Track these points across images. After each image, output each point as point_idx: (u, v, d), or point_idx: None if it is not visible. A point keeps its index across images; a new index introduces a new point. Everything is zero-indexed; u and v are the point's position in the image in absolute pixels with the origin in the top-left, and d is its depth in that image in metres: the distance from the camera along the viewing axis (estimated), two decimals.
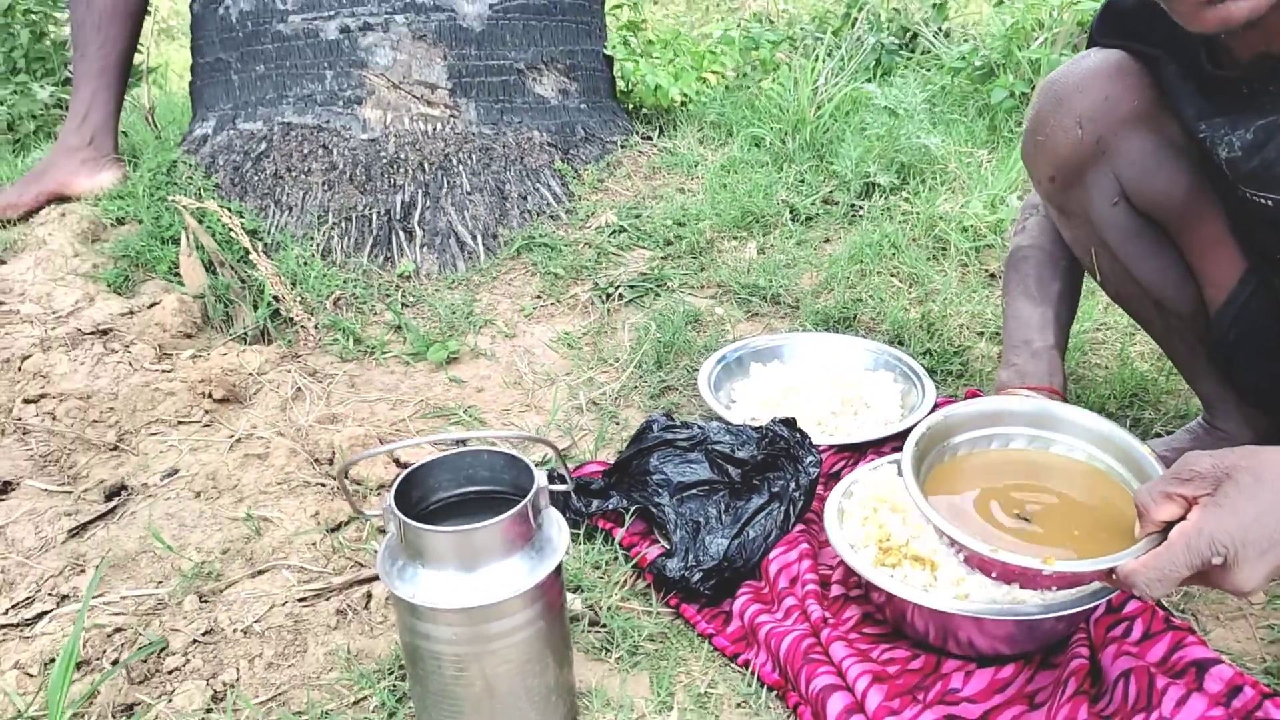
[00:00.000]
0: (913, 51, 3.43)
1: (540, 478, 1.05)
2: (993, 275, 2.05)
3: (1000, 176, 2.28)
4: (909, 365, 1.68)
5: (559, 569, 1.06)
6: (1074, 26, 2.86)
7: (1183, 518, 0.92)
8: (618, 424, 1.68)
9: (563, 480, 1.06)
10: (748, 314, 1.99)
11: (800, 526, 1.34)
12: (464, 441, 1.59)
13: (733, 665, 1.21)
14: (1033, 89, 2.67)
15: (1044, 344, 1.32)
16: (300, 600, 1.31)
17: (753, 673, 1.18)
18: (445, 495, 1.11)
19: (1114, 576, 0.95)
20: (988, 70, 2.92)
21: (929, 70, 3.19)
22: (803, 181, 2.40)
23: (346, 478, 1.55)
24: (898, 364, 1.70)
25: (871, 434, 1.53)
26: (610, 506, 1.41)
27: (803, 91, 2.64)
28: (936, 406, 1.58)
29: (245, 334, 1.98)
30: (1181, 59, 1.11)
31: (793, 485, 1.34)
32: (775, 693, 1.16)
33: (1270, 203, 1.07)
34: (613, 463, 1.49)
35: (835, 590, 1.27)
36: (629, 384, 1.79)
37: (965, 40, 3.30)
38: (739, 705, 1.16)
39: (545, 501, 1.06)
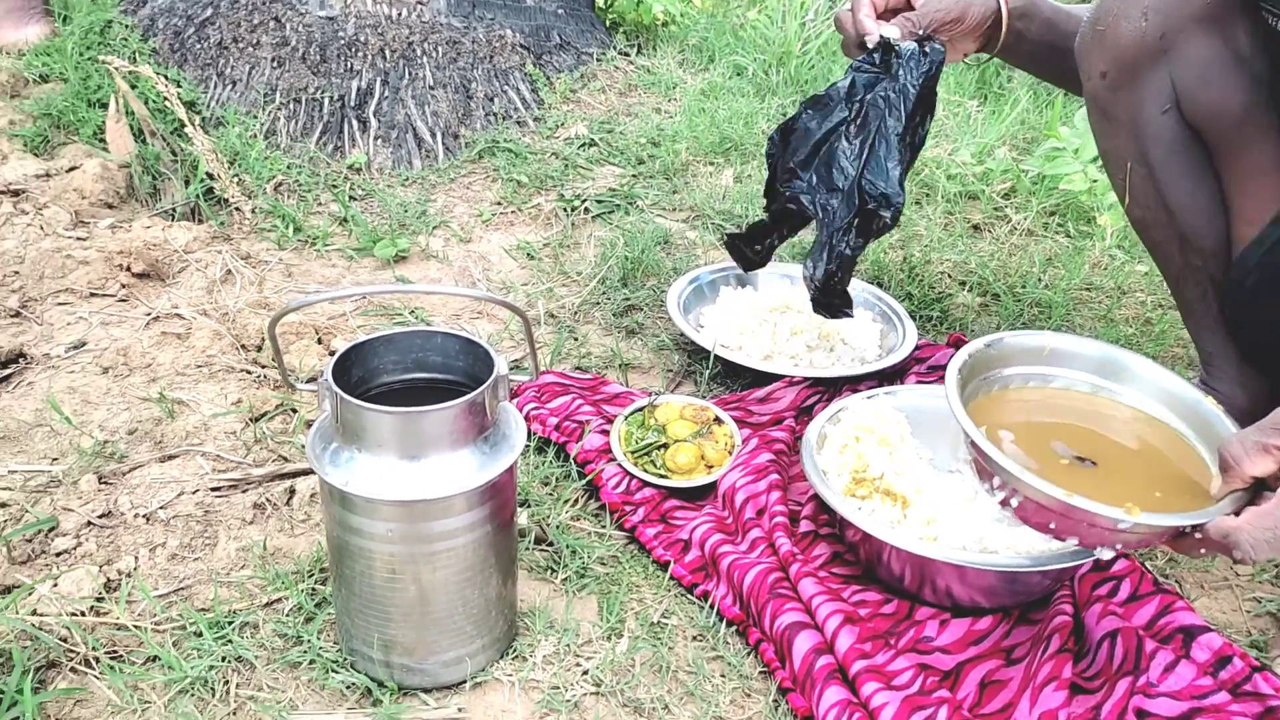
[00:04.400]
0: None
1: (500, 365, 0.92)
2: (976, 227, 1.96)
3: (990, 128, 2.19)
4: (889, 305, 1.59)
5: (513, 470, 0.95)
6: None
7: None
8: (575, 339, 1.56)
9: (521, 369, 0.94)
10: (721, 240, 1.88)
11: (769, 456, 1.24)
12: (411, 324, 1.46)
13: (689, 596, 1.11)
14: None
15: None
16: (214, 490, 1.17)
17: (712, 605, 1.08)
18: (390, 380, 0.98)
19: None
20: None
21: None
22: (784, 115, 2.28)
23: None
24: (877, 303, 1.60)
25: (847, 370, 1.44)
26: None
27: (790, 25, 2.52)
28: (917, 349, 1.49)
29: (174, 210, 1.81)
30: None
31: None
32: (735, 628, 1.07)
33: None
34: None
35: (805, 526, 1.18)
36: (590, 299, 1.66)
37: None
38: (695, 638, 1.06)
39: (505, 392, 0.93)
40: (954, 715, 0.95)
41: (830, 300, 1.31)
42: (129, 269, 1.59)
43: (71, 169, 1.85)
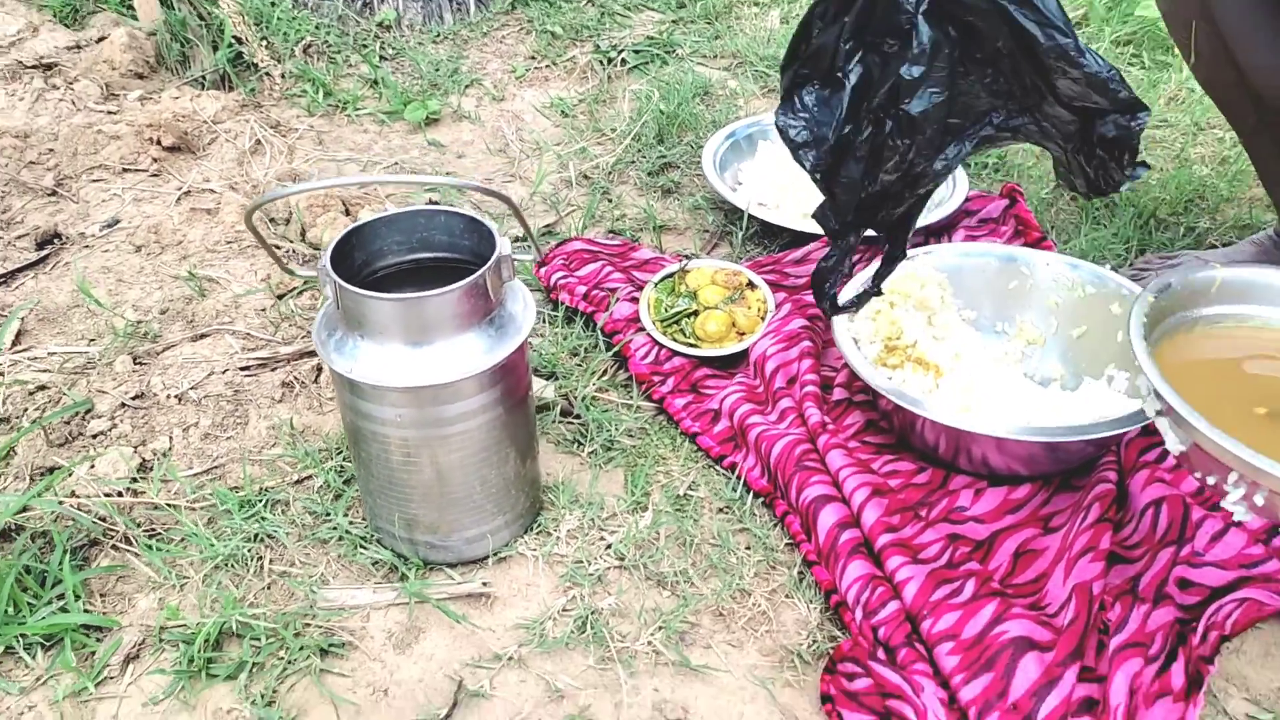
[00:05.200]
0: None
1: (504, 244, 0.89)
2: None
3: None
4: None
5: (522, 350, 0.92)
6: None
7: None
8: (610, 200, 1.51)
9: (527, 246, 0.90)
10: (764, 89, 1.78)
11: (802, 322, 1.19)
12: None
13: (717, 468, 1.09)
14: None
15: None
16: (243, 369, 1.18)
17: (738, 477, 1.07)
18: (395, 261, 0.95)
19: None
20: None
21: None
22: None
23: (255, 219, 1.39)
24: None
25: None
26: None
27: None
28: (968, 200, 1.41)
29: (203, 78, 1.78)
30: None
31: None
32: (762, 499, 1.05)
33: None
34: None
35: (838, 394, 1.14)
36: (625, 158, 1.60)
37: None
38: (720, 510, 1.05)
39: (509, 272, 0.90)
40: (982, 587, 0.93)
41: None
42: (159, 142, 1.57)
43: (100, 39, 1.81)
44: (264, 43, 1.79)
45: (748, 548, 1.01)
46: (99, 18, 1.90)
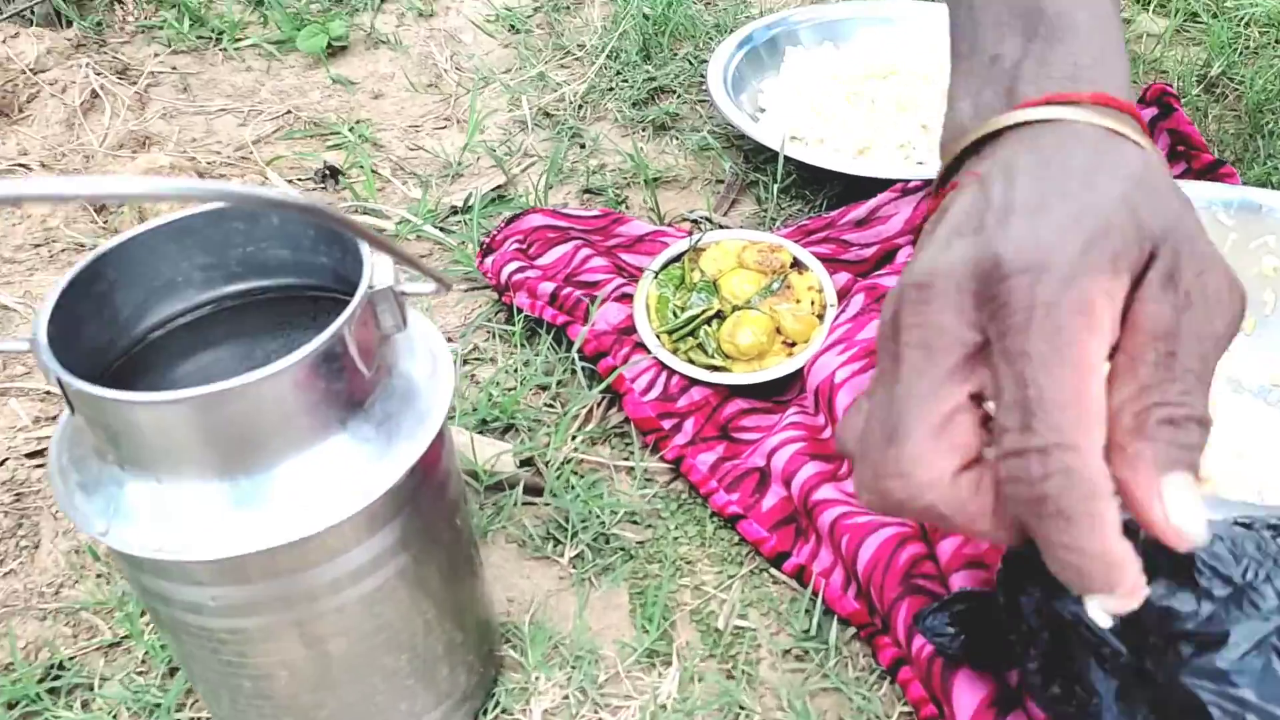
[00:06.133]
0: None
1: (382, 269, 0.48)
2: None
3: None
4: None
5: (440, 443, 0.52)
6: None
7: None
8: (582, 146, 1.09)
9: (429, 275, 0.48)
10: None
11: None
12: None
13: (774, 572, 0.70)
14: None
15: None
16: (31, 456, 0.77)
17: (813, 591, 0.67)
18: (198, 301, 0.54)
19: None
20: None
21: None
22: None
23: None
24: None
25: None
26: None
27: None
28: None
29: (30, 12, 1.33)
30: None
31: None
32: (854, 630, 0.66)
33: None
34: None
35: None
36: (600, 84, 1.17)
37: None
38: (789, 654, 0.65)
39: (397, 317, 0.49)
40: None
41: None
42: None
43: None
44: None
45: None
46: None
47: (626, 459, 0.78)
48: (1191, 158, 0.93)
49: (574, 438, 0.78)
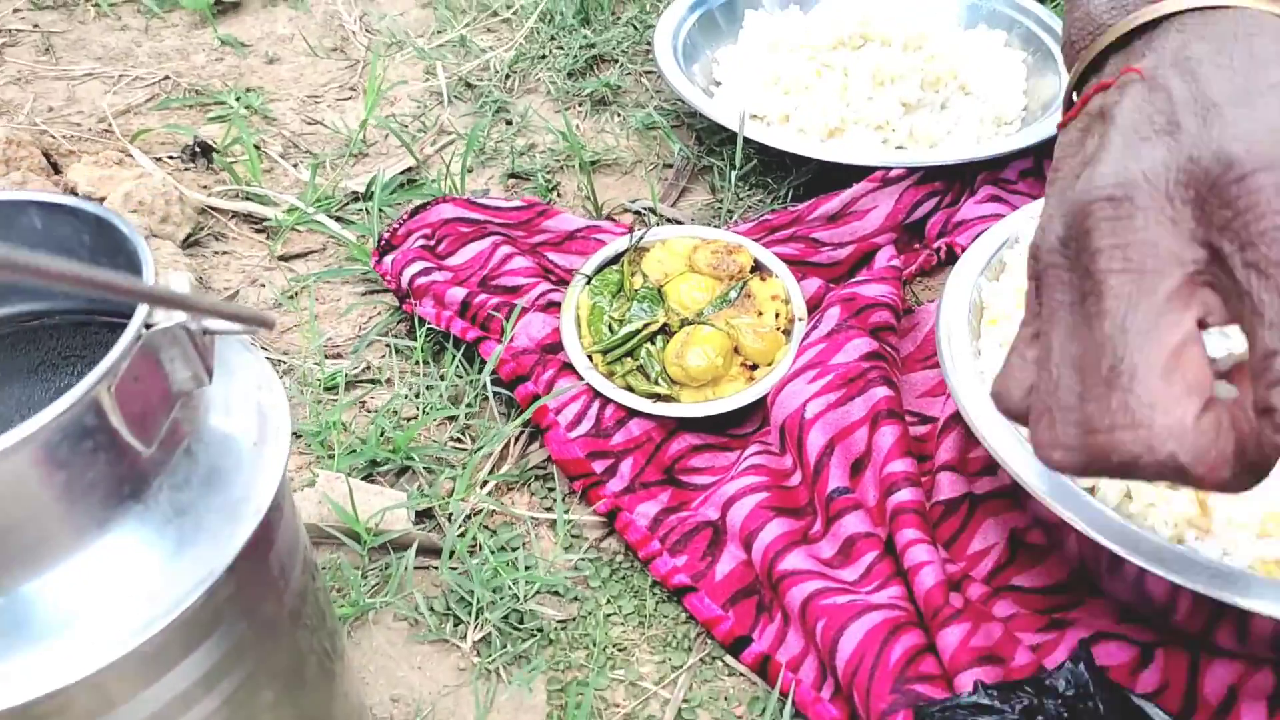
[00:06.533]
0: None
1: (175, 283, 0.32)
2: None
3: None
4: (1035, 16, 0.94)
5: (272, 530, 0.38)
6: None
7: None
8: (508, 123, 0.93)
9: (243, 318, 0.33)
10: None
11: (864, 344, 0.65)
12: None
13: (728, 660, 0.56)
14: None
15: None
16: None
17: (781, 692, 0.53)
18: None
19: None
20: None
21: None
22: None
23: None
24: (1016, 15, 0.94)
25: (978, 147, 0.82)
26: None
27: None
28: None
29: None
30: None
31: None
32: None
33: None
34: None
35: (947, 487, 0.60)
36: (530, 51, 1.02)
37: None
38: None
39: (197, 366, 0.34)
40: None
41: None
42: None
43: None
44: None
45: None
46: None
47: (549, 510, 0.63)
48: None
49: (484, 484, 0.63)
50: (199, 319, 0.33)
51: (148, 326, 0.32)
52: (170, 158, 0.89)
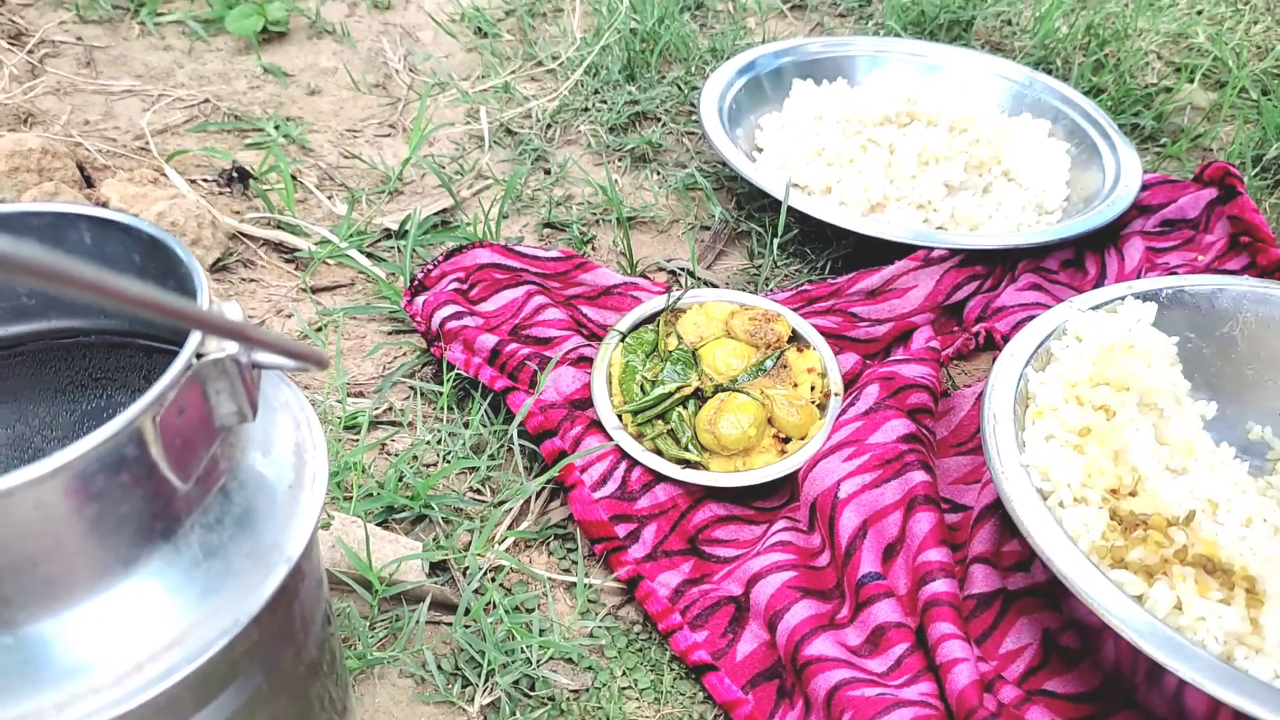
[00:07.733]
0: None
1: (230, 312, 0.31)
2: None
3: None
4: (1080, 109, 0.93)
5: (300, 579, 0.36)
6: None
7: None
8: (547, 173, 0.93)
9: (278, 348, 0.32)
10: (789, 3, 1.20)
11: (902, 426, 0.63)
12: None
13: None
14: None
15: None
16: None
17: None
18: None
19: None
20: None
21: None
22: None
23: None
24: (1061, 106, 0.94)
25: (1019, 234, 0.81)
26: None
27: None
28: (1145, 190, 0.85)
29: None
30: None
31: None
32: None
33: None
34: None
35: (980, 581, 0.58)
36: (573, 103, 1.01)
37: None
38: None
39: (242, 401, 0.32)
40: None
41: None
42: None
43: None
44: None
45: None
46: None
47: (567, 571, 0.61)
48: (1257, 251, 0.80)
49: (503, 540, 0.61)
50: (250, 351, 0.32)
51: (198, 356, 0.31)
52: (205, 180, 0.88)
